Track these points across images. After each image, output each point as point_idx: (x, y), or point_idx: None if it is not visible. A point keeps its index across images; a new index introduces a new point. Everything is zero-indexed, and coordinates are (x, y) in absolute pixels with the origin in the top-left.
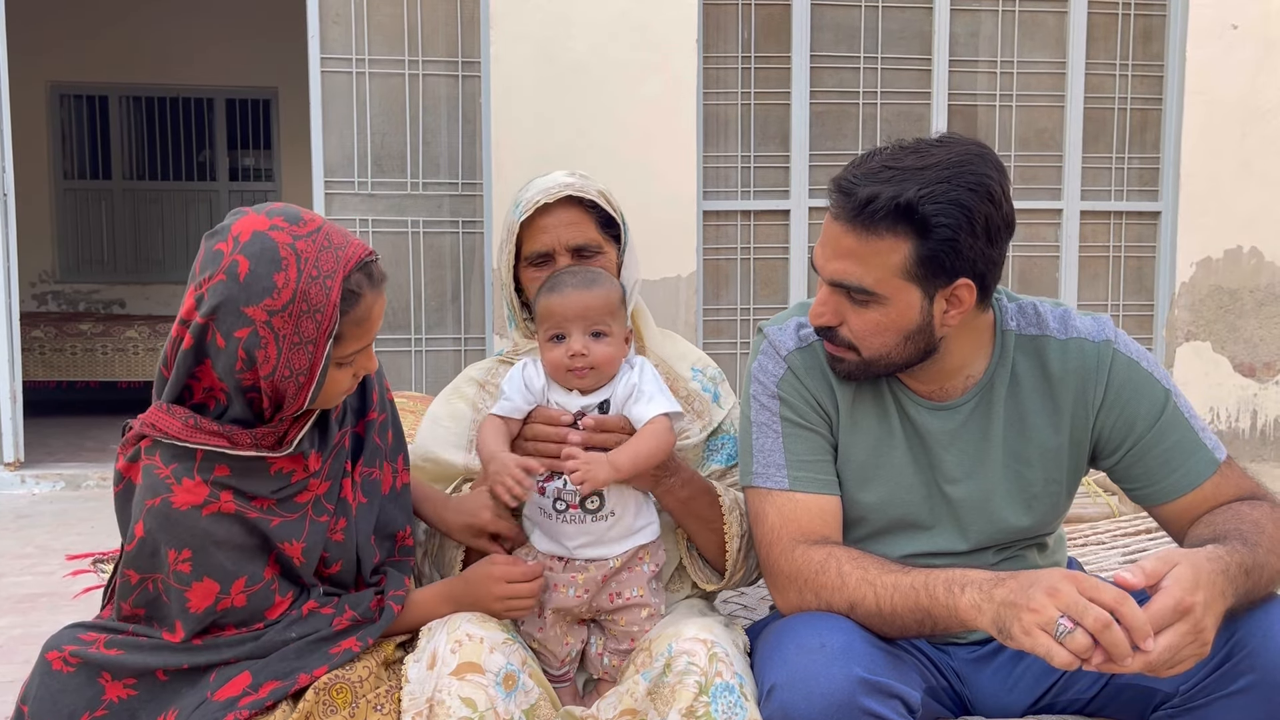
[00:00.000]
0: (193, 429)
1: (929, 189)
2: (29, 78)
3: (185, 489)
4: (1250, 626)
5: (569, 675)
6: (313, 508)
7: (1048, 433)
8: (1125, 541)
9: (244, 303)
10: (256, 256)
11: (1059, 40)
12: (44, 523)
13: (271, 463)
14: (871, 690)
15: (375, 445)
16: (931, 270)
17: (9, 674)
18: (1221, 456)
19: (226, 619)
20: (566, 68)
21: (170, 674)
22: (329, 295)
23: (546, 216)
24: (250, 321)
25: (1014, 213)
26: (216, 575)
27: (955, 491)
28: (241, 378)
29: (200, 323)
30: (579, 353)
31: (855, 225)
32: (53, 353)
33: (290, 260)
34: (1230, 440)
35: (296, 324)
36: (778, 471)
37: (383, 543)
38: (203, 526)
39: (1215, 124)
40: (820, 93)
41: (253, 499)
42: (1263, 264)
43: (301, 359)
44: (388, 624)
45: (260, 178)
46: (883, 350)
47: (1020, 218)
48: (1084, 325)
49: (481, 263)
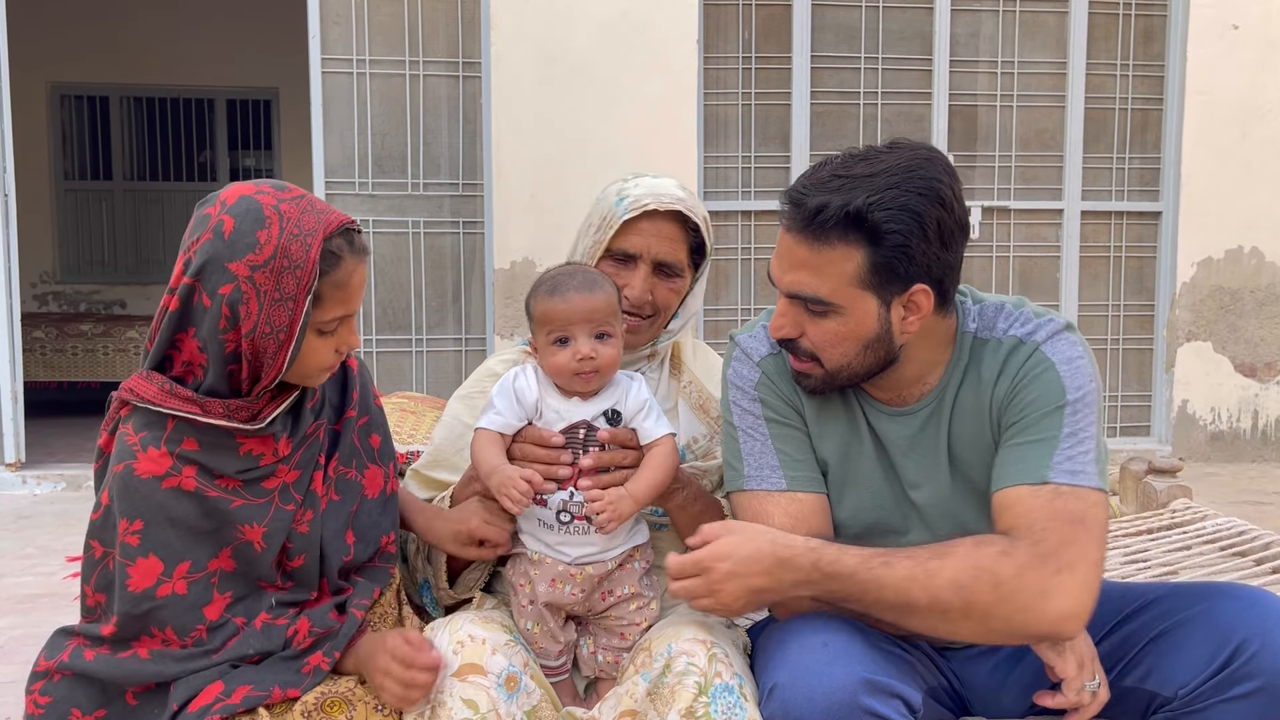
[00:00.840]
0: (167, 394)
1: (878, 195)
2: (30, 78)
3: (149, 458)
4: (1252, 631)
5: (566, 668)
6: (279, 494)
7: (985, 434)
8: (1126, 542)
9: (228, 259)
10: (241, 215)
11: (1060, 40)
12: (45, 523)
13: (242, 442)
14: (873, 690)
15: (354, 445)
16: (886, 277)
17: (10, 674)
18: (1058, 480)
19: (163, 613)
20: (567, 68)
21: (139, 696)
22: (309, 252)
23: (647, 220)
24: (234, 277)
25: (967, 215)
26: (162, 553)
27: (918, 497)
28: (225, 339)
29: (188, 283)
30: (588, 356)
31: (806, 236)
32: (54, 353)
33: (274, 219)
34: (1231, 441)
35: (277, 279)
36: (773, 473)
37: (364, 547)
38: (159, 499)
39: (1216, 124)
40: (821, 93)
41: (217, 477)
42: (1263, 264)
43: (281, 315)
44: (350, 632)
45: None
46: (843, 360)
47: (1021, 218)
48: (1025, 327)
49: (482, 263)
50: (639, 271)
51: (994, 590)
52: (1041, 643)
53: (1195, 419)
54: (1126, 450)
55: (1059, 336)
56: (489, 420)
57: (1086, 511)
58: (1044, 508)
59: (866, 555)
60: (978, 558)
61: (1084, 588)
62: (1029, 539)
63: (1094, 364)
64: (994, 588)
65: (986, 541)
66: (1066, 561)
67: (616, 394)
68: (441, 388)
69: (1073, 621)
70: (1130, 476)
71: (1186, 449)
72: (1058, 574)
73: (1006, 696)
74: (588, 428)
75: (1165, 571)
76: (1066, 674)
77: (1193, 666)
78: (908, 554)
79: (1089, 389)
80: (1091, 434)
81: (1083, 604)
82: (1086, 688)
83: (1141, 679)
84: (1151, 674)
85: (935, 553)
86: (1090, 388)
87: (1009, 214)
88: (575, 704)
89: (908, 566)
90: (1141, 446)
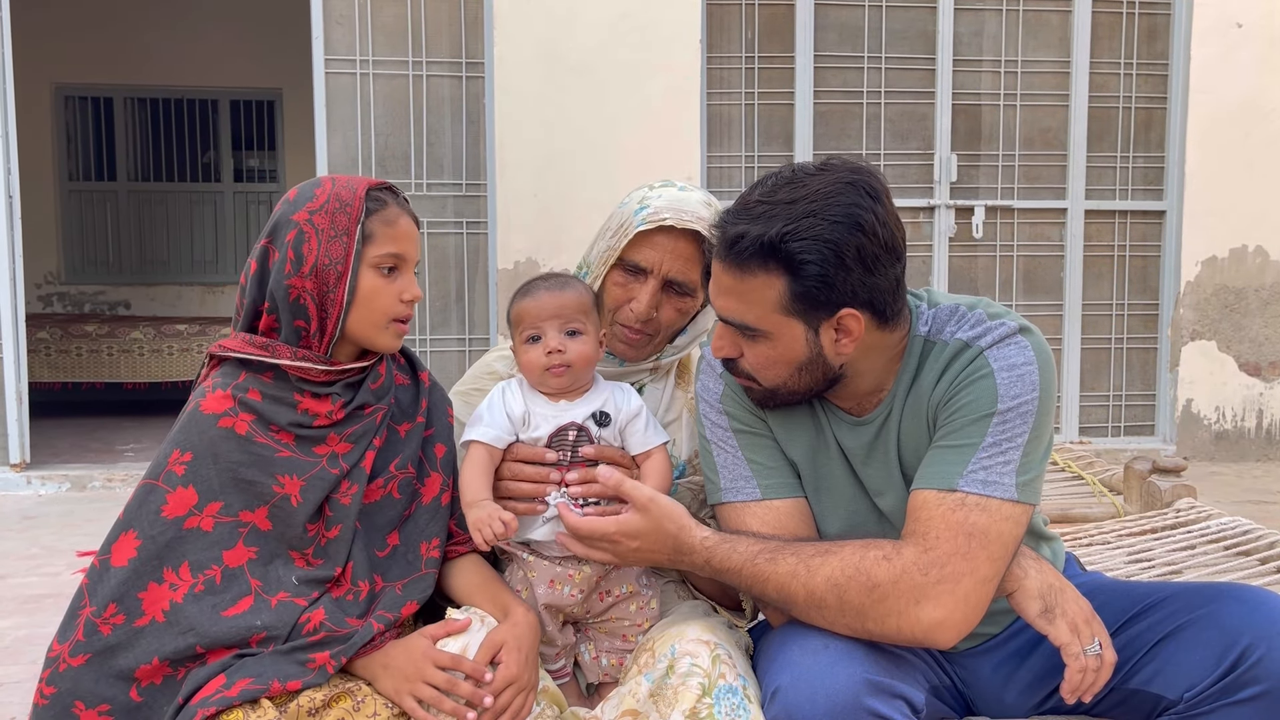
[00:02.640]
0: (245, 343)
1: (793, 225)
2: (34, 80)
3: (215, 398)
4: (1258, 635)
5: (566, 670)
6: (327, 460)
7: (925, 438)
8: (1130, 541)
9: (292, 212)
10: (301, 185)
11: (1063, 39)
12: (50, 523)
13: (299, 400)
14: (876, 691)
15: (417, 452)
16: (809, 305)
17: (16, 674)
18: (968, 488)
19: (184, 545)
20: (570, 68)
21: (144, 692)
22: (355, 193)
23: (664, 235)
24: (296, 224)
25: (897, 235)
26: (200, 487)
27: (883, 504)
28: (290, 284)
29: (262, 245)
30: (556, 349)
31: (729, 264)
32: (58, 354)
33: (327, 181)
34: (1236, 440)
35: (332, 218)
36: (746, 484)
37: (403, 549)
38: (211, 435)
39: (1220, 122)
40: (824, 92)
41: (270, 426)
42: (1268, 263)
43: (337, 248)
44: (362, 642)
45: (265, 179)
46: (778, 381)
47: (1025, 217)
48: (972, 330)
49: (486, 263)
50: (648, 286)
51: (868, 592)
52: (1038, 621)
53: (1199, 418)
54: (1131, 449)
55: (1008, 341)
56: (479, 433)
57: (990, 525)
58: (944, 516)
59: (755, 551)
60: (859, 559)
61: (962, 600)
62: (919, 545)
63: (1047, 370)
64: (868, 590)
65: (874, 544)
66: (950, 573)
67: (602, 396)
68: (445, 387)
69: (945, 631)
70: (1134, 476)
71: (1191, 448)
72: (938, 584)
73: (1009, 695)
74: (578, 430)
75: (1169, 571)
76: (1060, 640)
77: (1198, 670)
78: (794, 550)
79: (1027, 399)
80: (1019, 444)
81: (959, 616)
82: (1088, 652)
83: (1146, 681)
84: (1156, 677)
85: (821, 550)
86: (1029, 397)
87: (1012, 213)
88: (580, 704)
89: (791, 563)
90: (1146, 446)
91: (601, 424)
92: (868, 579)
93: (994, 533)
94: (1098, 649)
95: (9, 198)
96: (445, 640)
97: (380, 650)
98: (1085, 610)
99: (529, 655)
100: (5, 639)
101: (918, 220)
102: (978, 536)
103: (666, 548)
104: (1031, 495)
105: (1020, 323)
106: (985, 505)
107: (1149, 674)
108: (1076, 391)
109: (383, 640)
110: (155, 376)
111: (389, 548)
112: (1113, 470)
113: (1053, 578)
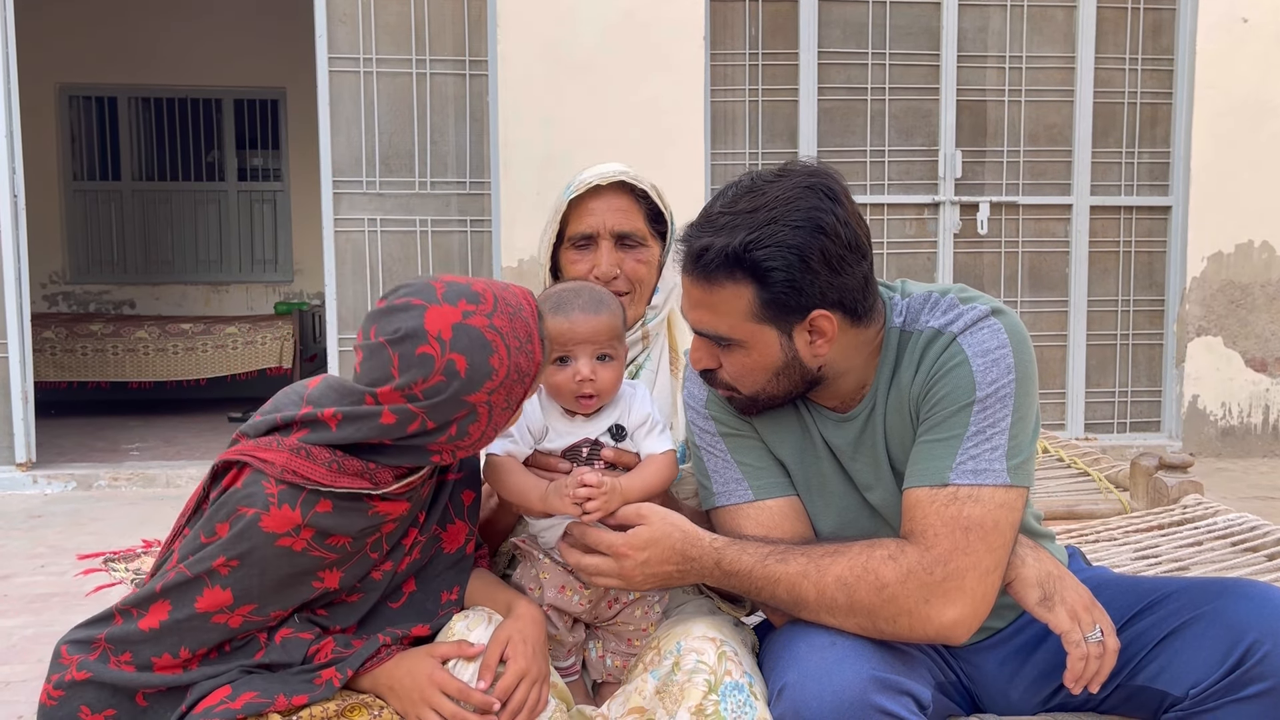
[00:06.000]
0: (336, 473)
1: (755, 234)
2: (38, 79)
3: (280, 516)
4: (1264, 632)
5: (575, 668)
6: (371, 545)
7: (909, 430)
8: (1137, 538)
9: (466, 393)
10: (468, 349)
11: (1068, 35)
12: (55, 523)
13: (373, 505)
14: (883, 687)
15: (445, 505)
16: (779, 311)
17: (22, 673)
18: (959, 480)
19: (201, 634)
20: (573, 66)
21: (149, 698)
22: (533, 358)
23: (596, 199)
24: (469, 405)
25: (860, 233)
26: (237, 590)
27: (873, 499)
28: (431, 448)
29: (412, 410)
30: (588, 377)
31: (697, 277)
32: (63, 353)
33: (497, 341)
34: (1242, 436)
35: (508, 393)
36: (739, 486)
37: (421, 596)
38: (267, 553)
39: (1226, 118)
40: (828, 89)
41: (331, 537)
42: (1274, 258)
43: (504, 417)
44: (367, 655)
45: (269, 178)
46: (757, 388)
47: (1030, 213)
48: (944, 317)
49: (490, 261)
50: (601, 248)
51: (877, 592)
52: (1036, 609)
53: (1206, 414)
54: (1137, 446)
55: (979, 325)
56: (499, 445)
57: (985, 516)
58: (939, 512)
59: (764, 553)
60: (866, 558)
61: (969, 595)
62: (921, 544)
63: (1022, 350)
64: (877, 590)
65: (879, 544)
66: (954, 569)
67: (619, 409)
68: None
69: (957, 628)
70: (1141, 472)
71: (1197, 444)
72: (943, 582)
73: (1015, 691)
74: (591, 445)
75: (1176, 567)
76: (1060, 627)
77: (1203, 666)
78: (804, 550)
79: (1004, 382)
80: (1004, 429)
81: (969, 611)
82: (1089, 639)
83: (1152, 678)
84: (1162, 673)
85: (830, 550)
86: (1005, 380)
87: (1018, 209)
88: (586, 702)
89: (801, 563)
90: (1152, 442)
91: (617, 438)
92: (876, 578)
93: (990, 522)
94: (1099, 636)
95: (14, 197)
96: (457, 663)
97: (385, 669)
98: (1085, 597)
99: (536, 647)
100: (12, 638)
101: (922, 217)
102: (975, 529)
103: (675, 555)
104: (1024, 478)
105: (992, 304)
106: (978, 495)
107: (1154, 670)
108: (1082, 387)
109: (389, 653)
110: (160, 376)
111: (404, 596)
112: (1119, 466)
113: (1051, 565)
